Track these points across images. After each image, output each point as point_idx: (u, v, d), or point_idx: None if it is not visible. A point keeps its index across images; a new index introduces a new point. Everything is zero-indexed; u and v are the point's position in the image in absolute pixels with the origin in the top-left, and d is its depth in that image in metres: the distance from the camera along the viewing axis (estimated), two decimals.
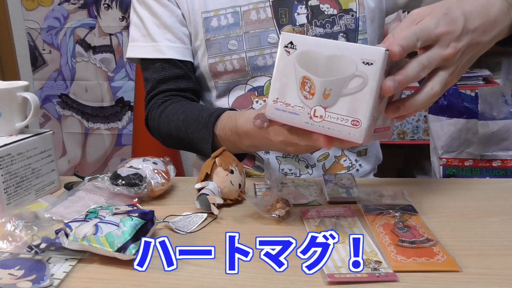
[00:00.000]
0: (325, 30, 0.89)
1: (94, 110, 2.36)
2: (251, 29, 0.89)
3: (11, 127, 0.75)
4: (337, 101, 0.52)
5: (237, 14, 0.89)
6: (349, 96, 0.51)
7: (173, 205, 0.72)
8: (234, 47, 0.89)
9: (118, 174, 0.71)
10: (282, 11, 0.89)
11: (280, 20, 0.89)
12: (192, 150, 0.91)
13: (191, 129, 0.86)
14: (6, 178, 0.69)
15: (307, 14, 0.89)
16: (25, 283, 0.51)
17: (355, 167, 0.97)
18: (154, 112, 0.94)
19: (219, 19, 0.89)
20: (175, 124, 0.89)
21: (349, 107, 0.52)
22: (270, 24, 0.89)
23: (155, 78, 0.95)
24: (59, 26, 2.27)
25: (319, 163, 0.94)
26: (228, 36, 0.89)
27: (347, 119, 0.52)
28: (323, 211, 0.67)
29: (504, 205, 0.68)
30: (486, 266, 0.53)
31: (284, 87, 0.55)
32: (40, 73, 2.35)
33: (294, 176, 0.94)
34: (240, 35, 0.89)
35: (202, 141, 0.84)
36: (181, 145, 0.92)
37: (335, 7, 0.89)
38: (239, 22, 0.89)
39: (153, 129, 0.97)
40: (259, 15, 0.88)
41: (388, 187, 0.75)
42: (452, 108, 1.10)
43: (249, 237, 0.61)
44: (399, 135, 1.97)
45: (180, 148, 0.96)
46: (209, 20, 0.90)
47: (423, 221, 0.63)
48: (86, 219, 0.58)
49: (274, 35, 0.89)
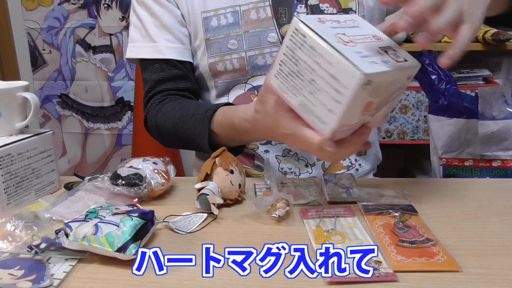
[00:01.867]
0: None
1: (94, 110, 2.36)
2: (251, 28, 0.89)
3: (11, 127, 0.75)
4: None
5: (236, 14, 0.89)
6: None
7: (173, 205, 0.72)
8: (234, 46, 0.89)
9: (118, 174, 0.71)
10: (282, 11, 0.89)
11: (279, 19, 0.89)
12: (190, 146, 0.91)
13: (188, 125, 0.85)
14: (6, 178, 0.69)
15: (306, 13, 0.89)
16: (25, 283, 0.51)
17: (354, 167, 0.97)
18: (152, 112, 0.94)
19: (218, 19, 0.89)
20: (171, 122, 0.89)
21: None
22: (270, 23, 0.89)
23: (153, 78, 0.95)
24: (59, 26, 2.27)
25: (318, 162, 0.94)
26: (228, 35, 0.89)
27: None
28: (323, 211, 0.67)
29: (504, 205, 0.68)
30: (486, 266, 0.53)
31: (351, 115, 0.56)
32: (40, 73, 2.35)
33: (294, 175, 0.94)
34: (240, 34, 0.89)
35: (199, 137, 0.83)
36: (179, 142, 0.91)
37: (334, 6, 0.89)
38: (239, 22, 0.89)
39: (151, 128, 0.96)
40: (259, 15, 0.89)
41: (388, 187, 0.75)
42: (452, 108, 1.10)
43: (249, 237, 0.61)
44: (399, 135, 1.97)
45: (178, 146, 0.96)
46: (208, 20, 0.90)
47: (423, 221, 0.63)
48: (86, 219, 0.58)
49: (274, 34, 0.89)
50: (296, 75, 0.56)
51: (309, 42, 0.54)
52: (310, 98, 0.56)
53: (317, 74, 0.54)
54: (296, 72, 0.56)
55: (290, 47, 0.56)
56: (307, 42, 0.54)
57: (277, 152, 0.93)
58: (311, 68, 0.54)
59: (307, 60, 0.55)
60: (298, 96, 0.57)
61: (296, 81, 0.57)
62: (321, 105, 0.55)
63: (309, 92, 0.55)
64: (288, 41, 0.56)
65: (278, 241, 0.59)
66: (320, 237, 0.59)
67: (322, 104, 0.55)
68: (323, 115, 0.55)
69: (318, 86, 0.54)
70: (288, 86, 0.58)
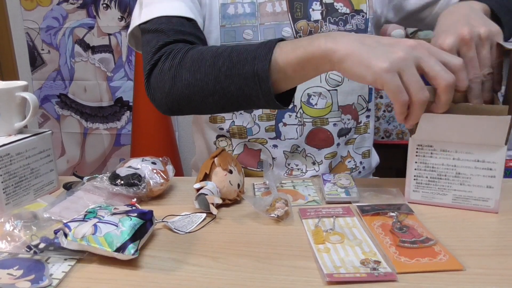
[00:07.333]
0: (338, 28, 0.90)
1: (93, 110, 2.36)
2: (266, 21, 0.89)
3: (10, 127, 0.75)
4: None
5: (253, 5, 0.89)
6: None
7: (172, 205, 0.72)
8: (249, 36, 0.89)
9: (117, 174, 0.71)
10: (298, 5, 0.89)
11: (295, 14, 0.89)
12: (229, 79, 0.67)
13: (240, 50, 0.67)
14: (5, 178, 0.69)
15: (321, 10, 0.90)
16: (24, 283, 0.51)
17: (358, 169, 0.97)
18: (171, 57, 0.73)
19: (236, 7, 0.89)
20: (212, 53, 0.69)
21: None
22: (285, 17, 0.89)
23: (173, 28, 0.78)
24: (58, 26, 2.27)
25: (326, 160, 0.94)
26: (244, 25, 0.89)
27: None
28: (322, 211, 0.67)
29: (504, 205, 0.68)
30: (486, 266, 0.53)
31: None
32: (39, 73, 2.35)
33: (300, 172, 0.94)
34: (256, 25, 0.89)
35: (255, 60, 0.64)
36: (211, 80, 0.68)
37: (348, 6, 0.91)
38: (255, 13, 0.89)
39: (162, 78, 0.72)
40: (275, 8, 0.89)
41: (386, 186, 0.75)
42: None
43: (248, 237, 0.61)
44: (398, 135, 1.97)
45: (202, 93, 0.69)
46: (226, 7, 0.89)
47: (420, 220, 0.63)
48: (85, 219, 0.57)
49: (288, 29, 0.89)
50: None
51: None
52: None
53: None
54: None
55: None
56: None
57: (286, 147, 0.93)
58: None
59: None
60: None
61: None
62: None
63: None
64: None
65: (277, 241, 0.59)
66: (319, 237, 0.59)
67: None
68: None
69: None
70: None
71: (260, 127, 0.92)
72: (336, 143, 0.93)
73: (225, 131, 0.94)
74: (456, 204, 0.67)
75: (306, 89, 0.90)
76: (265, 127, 0.92)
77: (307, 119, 0.91)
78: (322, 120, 0.92)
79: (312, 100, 0.91)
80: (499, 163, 0.63)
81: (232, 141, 0.95)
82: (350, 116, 0.93)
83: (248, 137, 0.93)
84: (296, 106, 0.91)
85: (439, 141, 0.66)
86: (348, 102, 0.93)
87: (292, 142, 0.92)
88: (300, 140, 0.92)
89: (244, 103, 0.69)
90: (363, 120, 0.96)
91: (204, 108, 0.73)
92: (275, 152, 0.93)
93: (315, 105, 0.91)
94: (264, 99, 0.65)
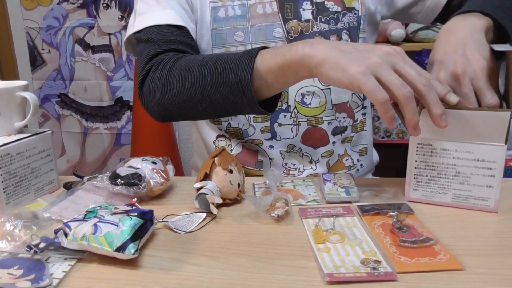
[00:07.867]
0: (330, 26, 0.90)
1: (93, 109, 2.36)
2: (257, 22, 0.89)
3: (10, 126, 0.75)
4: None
5: (244, 7, 0.89)
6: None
7: (172, 205, 0.72)
8: (240, 38, 0.89)
9: (117, 174, 0.71)
10: (288, 6, 0.89)
11: (285, 14, 0.89)
12: (215, 88, 0.70)
13: (224, 59, 0.70)
14: (5, 178, 0.69)
15: (312, 10, 0.89)
16: (24, 282, 0.51)
17: (356, 167, 0.97)
18: (161, 67, 0.77)
19: (226, 10, 0.89)
20: (198, 62, 0.72)
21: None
22: (275, 18, 0.89)
23: (163, 38, 0.82)
24: (58, 26, 2.27)
25: (323, 159, 0.94)
26: (235, 27, 0.89)
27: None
28: (322, 211, 0.67)
29: (504, 205, 0.68)
30: (486, 266, 0.53)
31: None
32: (39, 72, 2.35)
33: (298, 171, 0.94)
34: (247, 27, 0.89)
35: (239, 69, 0.67)
36: (198, 89, 0.71)
37: (339, 4, 0.90)
38: (246, 15, 0.89)
39: (153, 88, 0.77)
40: (265, 9, 0.89)
41: (387, 186, 0.75)
42: None
43: (248, 236, 0.61)
44: (398, 135, 1.97)
45: (191, 101, 0.74)
46: (216, 10, 0.89)
47: (420, 219, 0.63)
48: (85, 218, 0.57)
49: (279, 29, 0.89)
50: None
51: None
52: None
53: None
54: None
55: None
56: None
57: (282, 147, 0.93)
58: None
59: None
60: None
61: None
62: None
63: None
64: None
65: (277, 240, 0.59)
66: (319, 236, 0.59)
67: None
68: None
69: None
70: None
71: (256, 129, 0.92)
72: (332, 142, 0.93)
73: (224, 131, 0.95)
74: (455, 203, 0.67)
75: (300, 89, 0.90)
76: (260, 128, 0.92)
77: (302, 119, 0.91)
78: (317, 119, 0.92)
79: (306, 100, 0.91)
80: (499, 163, 0.63)
81: (231, 141, 0.95)
82: (345, 114, 0.93)
83: (245, 139, 0.93)
84: (291, 106, 0.91)
85: (439, 140, 0.66)
86: (342, 100, 0.93)
87: (288, 142, 0.93)
88: (296, 139, 0.92)
89: (231, 110, 0.72)
90: (359, 118, 0.96)
91: (195, 115, 0.78)
92: (272, 152, 0.93)
93: (309, 104, 0.91)
94: (249, 106, 0.69)
